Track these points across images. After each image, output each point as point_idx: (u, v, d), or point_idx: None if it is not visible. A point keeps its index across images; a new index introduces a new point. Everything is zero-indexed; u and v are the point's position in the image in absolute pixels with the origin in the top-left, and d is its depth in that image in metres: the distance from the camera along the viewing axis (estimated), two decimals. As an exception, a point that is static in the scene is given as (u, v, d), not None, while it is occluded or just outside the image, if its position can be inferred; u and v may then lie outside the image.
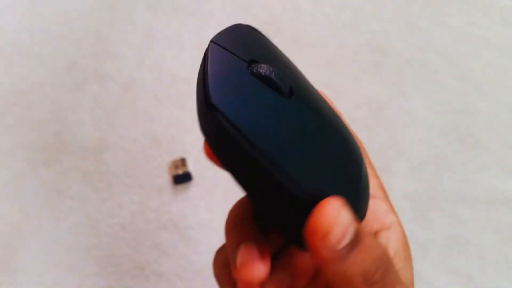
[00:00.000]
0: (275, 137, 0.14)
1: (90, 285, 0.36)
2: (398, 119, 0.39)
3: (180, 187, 0.38)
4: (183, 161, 0.38)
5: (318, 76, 0.39)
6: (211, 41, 0.16)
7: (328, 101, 0.19)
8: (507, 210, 0.36)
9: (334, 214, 0.13)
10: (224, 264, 0.20)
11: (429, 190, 0.37)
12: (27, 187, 0.38)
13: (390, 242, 0.19)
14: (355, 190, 0.16)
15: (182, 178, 0.37)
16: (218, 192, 0.38)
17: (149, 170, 0.38)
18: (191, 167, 0.38)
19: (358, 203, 0.16)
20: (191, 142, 0.39)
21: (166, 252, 0.37)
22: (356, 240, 0.14)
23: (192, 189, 0.38)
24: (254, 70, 0.16)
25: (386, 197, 0.21)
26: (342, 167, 0.16)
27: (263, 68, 0.16)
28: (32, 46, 0.41)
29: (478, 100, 0.39)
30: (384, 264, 0.15)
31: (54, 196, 0.38)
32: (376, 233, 0.20)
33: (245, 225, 0.18)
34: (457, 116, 0.38)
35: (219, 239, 0.37)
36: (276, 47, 0.19)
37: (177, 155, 0.38)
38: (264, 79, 0.15)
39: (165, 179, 0.38)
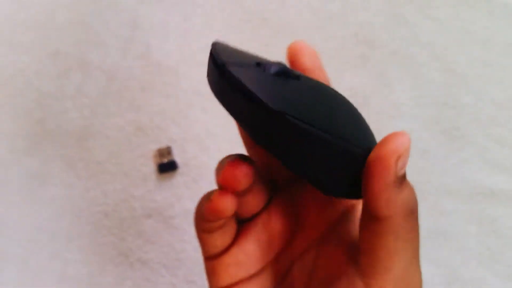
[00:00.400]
0: (326, 115, 0.17)
1: (73, 273, 0.36)
2: (383, 111, 0.39)
3: (165, 175, 0.38)
4: (168, 150, 0.37)
5: (304, 67, 0.40)
6: (224, 62, 0.17)
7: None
8: (490, 203, 0.37)
9: (408, 141, 0.16)
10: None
11: (413, 182, 0.37)
12: (10, 175, 0.38)
13: None
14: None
15: (167, 167, 0.37)
16: (203, 181, 0.38)
17: (133, 159, 0.38)
18: (176, 156, 0.38)
19: None
20: (177, 130, 0.39)
21: (150, 240, 0.37)
22: (405, 175, 0.16)
23: (177, 178, 0.38)
24: (270, 70, 0.19)
25: None
26: (364, 124, 0.20)
27: (274, 65, 0.19)
28: (15, 34, 0.41)
29: (463, 93, 0.39)
30: (417, 203, 0.17)
31: (37, 184, 0.38)
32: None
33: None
34: (442, 108, 0.39)
35: (203, 228, 0.37)
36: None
37: (162, 144, 0.38)
38: (280, 73, 0.19)
39: (150, 167, 0.38)
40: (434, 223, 0.37)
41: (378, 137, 0.40)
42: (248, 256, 0.20)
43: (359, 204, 0.21)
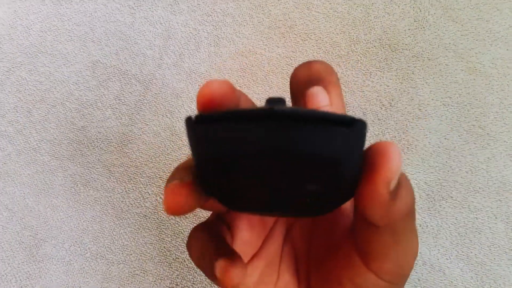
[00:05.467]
0: None
1: (115, 273, 0.37)
2: (409, 112, 0.39)
3: (199, 178, 0.38)
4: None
5: (330, 71, 0.40)
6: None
7: None
8: (517, 200, 0.37)
9: (400, 158, 0.14)
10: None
11: (440, 180, 0.38)
12: (54, 180, 0.39)
13: None
14: None
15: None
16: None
17: (169, 163, 0.39)
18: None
19: None
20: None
21: (187, 240, 0.37)
22: (401, 178, 0.15)
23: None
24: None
25: None
26: None
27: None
28: (56, 45, 0.42)
29: (487, 93, 0.39)
30: (414, 199, 0.15)
31: (80, 188, 0.39)
32: None
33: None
34: (467, 108, 0.39)
35: (237, 228, 0.38)
36: None
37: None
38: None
39: (185, 171, 0.39)
40: (463, 220, 0.37)
41: (405, 138, 0.40)
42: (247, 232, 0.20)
43: None
